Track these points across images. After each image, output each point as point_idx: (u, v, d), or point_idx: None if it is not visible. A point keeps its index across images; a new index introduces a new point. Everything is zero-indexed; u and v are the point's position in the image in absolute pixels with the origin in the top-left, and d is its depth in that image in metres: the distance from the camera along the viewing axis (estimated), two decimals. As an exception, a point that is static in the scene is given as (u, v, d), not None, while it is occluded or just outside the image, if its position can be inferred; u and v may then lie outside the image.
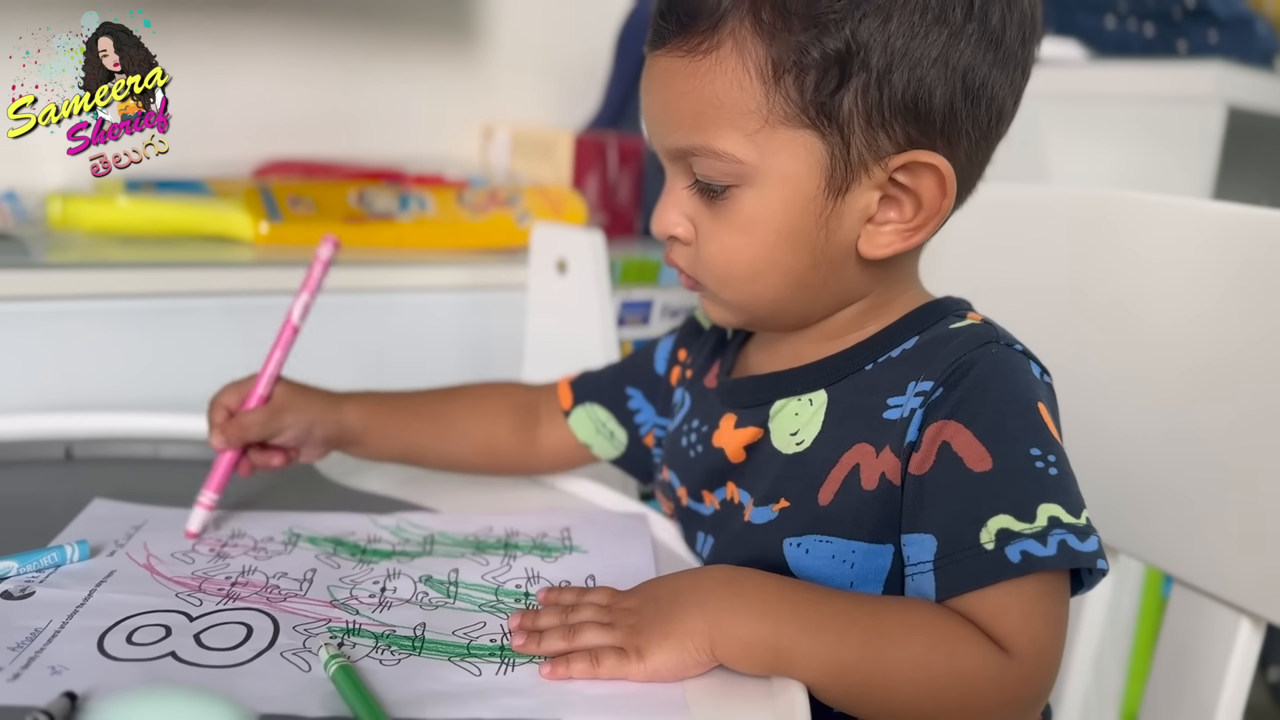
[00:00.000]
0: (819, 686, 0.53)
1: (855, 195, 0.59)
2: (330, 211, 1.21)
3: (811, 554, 0.61)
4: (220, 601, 0.58)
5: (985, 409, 0.56)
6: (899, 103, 0.57)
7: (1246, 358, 0.69)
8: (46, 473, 0.81)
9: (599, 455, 0.81)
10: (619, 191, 1.41)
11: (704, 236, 0.62)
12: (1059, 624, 0.54)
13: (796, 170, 0.58)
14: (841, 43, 0.56)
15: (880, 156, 0.58)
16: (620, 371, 0.81)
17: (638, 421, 0.79)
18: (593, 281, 1.08)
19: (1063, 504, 0.54)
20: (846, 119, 0.57)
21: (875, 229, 0.61)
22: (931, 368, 0.59)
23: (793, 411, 0.64)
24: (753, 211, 0.60)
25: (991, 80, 0.59)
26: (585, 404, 0.80)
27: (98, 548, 0.64)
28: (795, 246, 0.60)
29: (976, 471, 0.55)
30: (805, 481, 0.62)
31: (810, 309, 0.64)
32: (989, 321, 0.62)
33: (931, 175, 0.59)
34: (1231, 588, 0.69)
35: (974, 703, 0.53)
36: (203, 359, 1.06)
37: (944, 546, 0.55)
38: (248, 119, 1.38)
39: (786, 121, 0.57)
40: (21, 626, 0.54)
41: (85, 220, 1.11)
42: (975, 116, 0.59)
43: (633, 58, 1.45)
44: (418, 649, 0.55)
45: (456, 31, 1.53)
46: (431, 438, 0.79)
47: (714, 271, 0.63)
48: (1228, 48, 1.26)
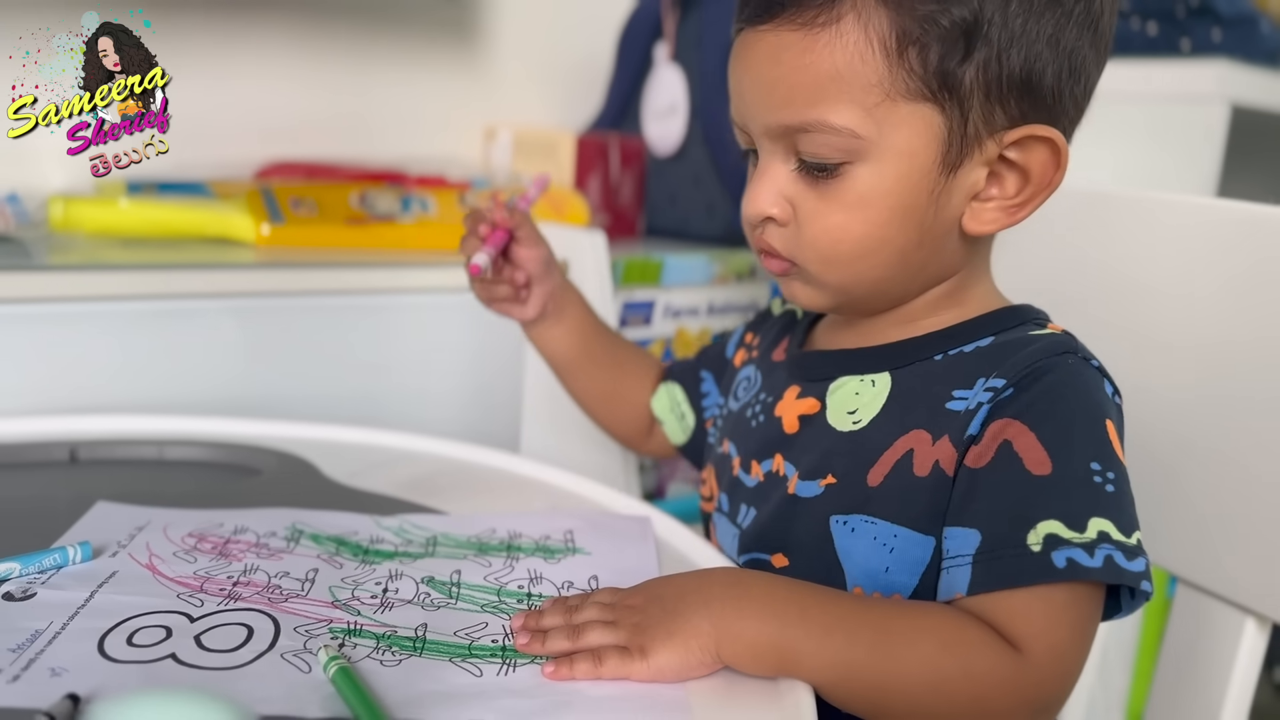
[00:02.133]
0: (827, 688, 0.53)
1: (966, 171, 0.60)
2: (332, 213, 1.22)
3: (857, 533, 0.61)
4: (222, 602, 0.58)
5: (1053, 416, 0.57)
6: (1015, 79, 0.58)
7: (1251, 356, 0.68)
8: (51, 475, 0.81)
9: (669, 436, 0.85)
10: (621, 192, 1.41)
11: (807, 216, 0.61)
12: (1082, 636, 0.54)
13: (914, 145, 0.58)
14: (970, 14, 0.56)
15: (994, 131, 0.59)
16: (700, 356, 0.85)
17: (705, 405, 0.82)
18: (594, 282, 1.08)
19: (1115, 521, 0.54)
20: (967, 93, 0.57)
21: (980, 205, 0.61)
22: (1005, 367, 0.59)
23: (853, 390, 0.64)
24: (866, 188, 0.59)
25: (1089, 61, 0.60)
26: (668, 382, 0.85)
27: (100, 549, 0.63)
28: (906, 224, 0.60)
29: (1035, 474, 0.55)
30: (856, 460, 0.62)
31: (906, 289, 0.64)
32: (1070, 334, 0.62)
33: (1045, 149, 0.59)
34: (1236, 588, 0.69)
35: (985, 705, 0.53)
36: (205, 361, 1.06)
37: (987, 542, 0.55)
38: (249, 121, 1.38)
39: (908, 95, 0.57)
40: (22, 628, 0.54)
41: (87, 222, 1.12)
42: (1075, 96, 0.60)
43: (635, 59, 1.45)
44: (419, 650, 0.55)
45: (459, 33, 1.53)
46: (599, 368, 0.86)
47: (819, 252, 0.62)
48: (1231, 46, 1.26)
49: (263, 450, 0.86)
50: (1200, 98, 1.22)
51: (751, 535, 0.67)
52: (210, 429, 0.89)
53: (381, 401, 1.16)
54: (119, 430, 0.88)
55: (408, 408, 1.17)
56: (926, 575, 0.59)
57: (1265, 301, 0.68)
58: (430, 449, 0.89)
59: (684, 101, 1.38)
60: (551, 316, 0.83)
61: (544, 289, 0.82)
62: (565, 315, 0.84)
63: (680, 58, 1.39)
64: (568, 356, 0.85)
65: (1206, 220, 0.71)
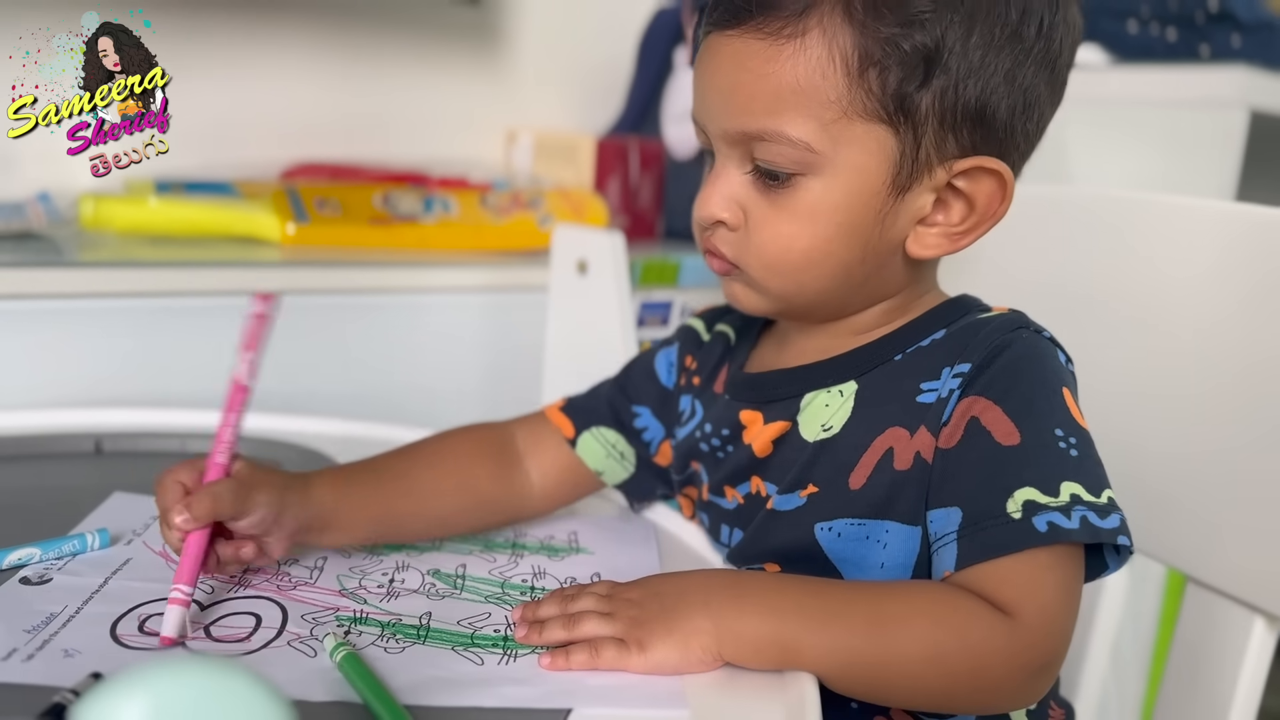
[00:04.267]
0: (830, 677, 0.54)
1: (914, 194, 0.60)
2: (355, 213, 1.23)
3: (844, 537, 0.61)
4: (232, 589, 0.60)
5: (1015, 388, 0.58)
6: (970, 109, 0.58)
7: (1265, 359, 0.68)
8: (76, 465, 0.82)
9: (608, 480, 0.77)
10: (640, 194, 1.42)
11: (757, 223, 0.62)
12: (1069, 594, 0.55)
13: (866, 164, 0.59)
14: (931, 41, 0.57)
15: (945, 159, 0.60)
16: (617, 391, 0.77)
17: (645, 439, 0.76)
18: (613, 282, 1.09)
19: (1083, 483, 0.55)
20: (922, 119, 0.58)
21: (924, 230, 0.62)
22: (968, 351, 0.60)
23: (823, 403, 0.65)
24: (815, 201, 0.60)
25: (1043, 99, 0.61)
26: (592, 429, 0.76)
27: (116, 537, 0.65)
28: (851, 240, 0.61)
29: (1005, 445, 0.56)
30: (835, 467, 0.62)
31: (847, 302, 0.65)
32: (1017, 310, 0.63)
33: (992, 181, 0.60)
34: (1246, 586, 0.69)
35: (984, 675, 0.53)
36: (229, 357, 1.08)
37: (969, 516, 0.56)
38: (275, 122, 1.40)
39: (864, 115, 0.58)
40: (38, 611, 0.55)
41: (116, 220, 1.14)
42: (1027, 131, 0.61)
43: (655, 63, 1.46)
44: (422, 638, 0.56)
45: (481, 37, 1.55)
46: (405, 500, 0.69)
47: (764, 259, 0.62)
48: (1251, 52, 1.25)
49: (284, 445, 0.87)
50: (1219, 103, 1.22)
51: (739, 553, 0.67)
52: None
53: (402, 398, 1.17)
54: (143, 423, 0.90)
55: (428, 405, 1.18)
56: (919, 564, 0.60)
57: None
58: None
59: (704, 105, 1.38)
60: (316, 535, 0.65)
61: (283, 534, 0.63)
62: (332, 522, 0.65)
63: (701, 62, 1.39)
64: (364, 541, 0.69)
65: (1225, 224, 0.72)
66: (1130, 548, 0.56)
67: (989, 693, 0.54)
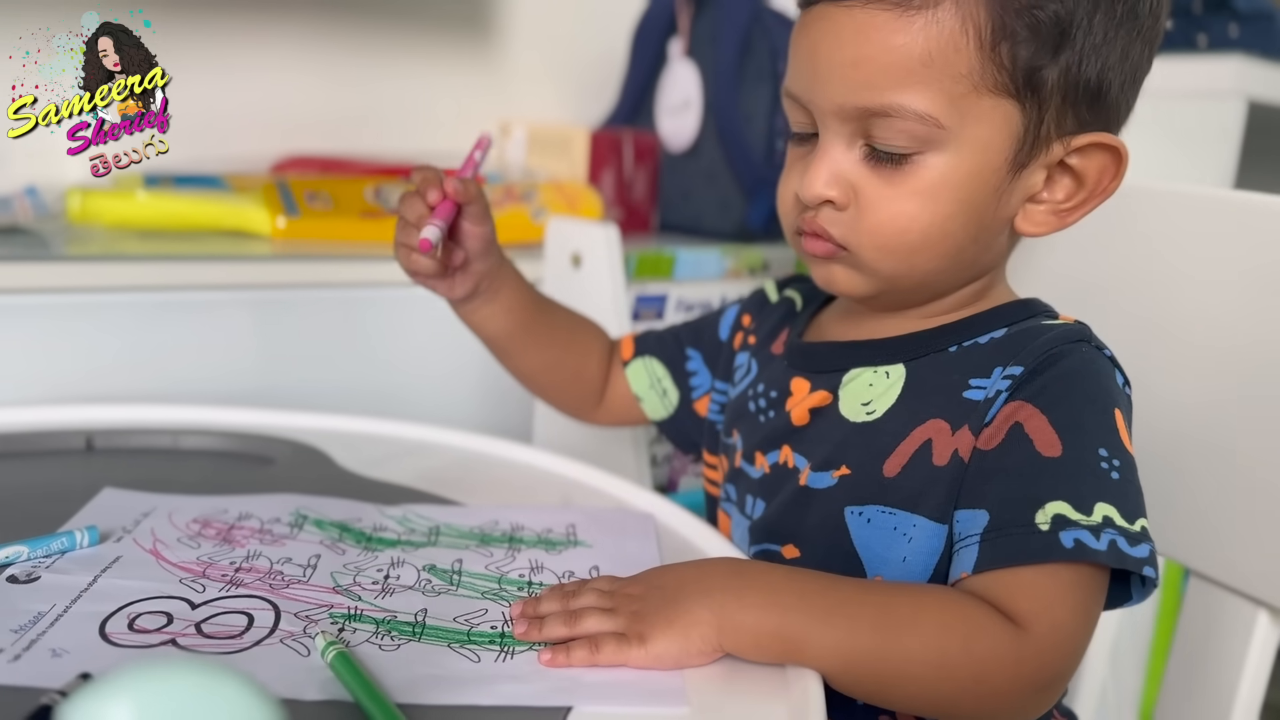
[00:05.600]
0: (831, 674, 0.53)
1: (1029, 171, 0.60)
2: (347, 207, 1.22)
3: (873, 524, 0.61)
4: (224, 588, 0.59)
5: (1065, 400, 0.57)
6: (1090, 85, 0.58)
7: (1265, 349, 0.68)
8: (67, 462, 0.81)
9: (648, 413, 0.82)
10: (635, 187, 1.41)
11: (870, 202, 0.60)
12: (1085, 618, 0.54)
13: (991, 140, 0.58)
14: (1064, 14, 0.56)
15: (1063, 135, 0.59)
16: (683, 331, 0.82)
17: (693, 384, 0.79)
18: (607, 275, 1.08)
19: (1119, 508, 0.54)
20: (1048, 94, 0.58)
21: (1034, 207, 0.62)
22: (1023, 355, 0.59)
23: (867, 382, 0.64)
24: (937, 178, 0.59)
25: (1143, 75, 0.61)
26: (644, 356, 0.81)
27: (106, 534, 0.64)
28: (968, 218, 0.60)
29: (1045, 456, 0.55)
30: (871, 451, 0.62)
31: (950, 283, 0.64)
32: (1083, 323, 0.62)
33: (1106, 156, 0.60)
34: (1249, 580, 0.69)
35: (987, 685, 0.53)
36: (220, 351, 1.07)
37: (996, 521, 0.55)
38: (265, 116, 1.39)
39: (994, 89, 0.57)
40: (25, 610, 0.54)
41: (104, 214, 1.13)
42: (1129, 108, 0.62)
43: (649, 55, 1.45)
44: (418, 635, 0.55)
45: (473, 28, 1.54)
46: (542, 325, 0.80)
47: (879, 239, 0.61)
48: (1248, 42, 1.25)
49: (277, 440, 0.86)
50: (1217, 94, 1.21)
51: (761, 527, 0.67)
52: (224, 419, 0.90)
53: (395, 392, 1.16)
54: (134, 419, 0.89)
55: (421, 399, 1.17)
56: (940, 563, 0.59)
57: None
58: (443, 440, 0.90)
59: (698, 97, 1.38)
60: (484, 295, 0.77)
61: (479, 268, 0.75)
62: (499, 294, 0.78)
63: (694, 54, 1.39)
64: (500, 335, 0.80)
65: (1225, 213, 0.71)
66: (1156, 581, 0.55)
67: (992, 703, 0.53)
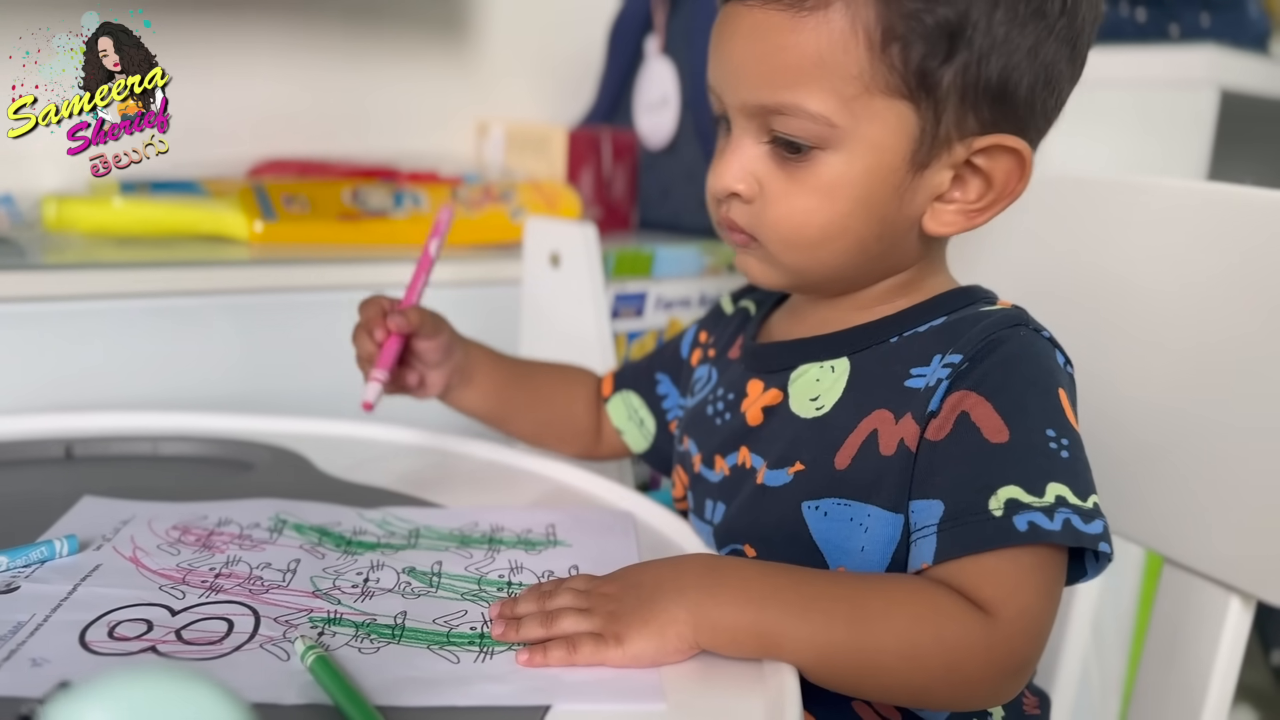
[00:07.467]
0: (807, 668, 0.54)
1: (932, 171, 0.60)
2: (325, 210, 1.22)
3: (830, 516, 0.61)
4: (203, 594, 0.59)
5: (1008, 386, 0.58)
6: (991, 86, 0.58)
7: (1239, 338, 0.68)
8: (46, 471, 0.81)
9: (630, 446, 0.83)
10: (613, 186, 1.42)
11: (773, 196, 0.61)
12: (1049, 598, 0.55)
13: (885, 140, 0.59)
14: (956, 16, 0.56)
15: (964, 136, 0.60)
16: (655, 358, 0.84)
17: (665, 407, 0.81)
18: (586, 274, 1.08)
19: (1070, 486, 0.55)
20: (944, 95, 0.58)
21: (941, 206, 0.62)
22: (961, 343, 0.60)
23: (814, 377, 0.65)
24: (834, 176, 0.60)
25: (1064, 76, 0.61)
26: (622, 391, 0.83)
27: (86, 543, 0.64)
28: (868, 215, 0.61)
29: (993, 442, 0.56)
30: (822, 445, 0.62)
31: (860, 277, 0.65)
32: (1019, 307, 0.63)
33: (1010, 159, 0.60)
34: (1221, 566, 0.69)
35: (959, 672, 0.53)
36: (199, 357, 1.07)
37: (951, 510, 0.56)
38: (242, 119, 1.38)
39: (885, 90, 0.58)
40: (4, 620, 0.54)
41: (81, 222, 1.12)
42: (1046, 109, 0.61)
43: (626, 53, 1.46)
44: (397, 637, 0.55)
45: (450, 29, 1.54)
46: (525, 390, 0.83)
47: (780, 233, 0.62)
48: (1220, 31, 1.25)
49: (257, 445, 0.86)
50: (1190, 83, 1.22)
51: (723, 529, 0.67)
52: (204, 424, 0.90)
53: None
54: (114, 427, 0.89)
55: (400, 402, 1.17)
56: (898, 552, 0.59)
57: (1254, 285, 0.68)
58: (423, 442, 0.90)
59: (675, 95, 1.38)
60: (458, 386, 0.81)
61: (444, 371, 0.80)
62: (473, 379, 0.81)
63: (671, 51, 1.39)
64: (486, 412, 0.83)
65: (1197, 204, 0.72)
66: (1110, 555, 0.56)
67: (964, 689, 0.54)
